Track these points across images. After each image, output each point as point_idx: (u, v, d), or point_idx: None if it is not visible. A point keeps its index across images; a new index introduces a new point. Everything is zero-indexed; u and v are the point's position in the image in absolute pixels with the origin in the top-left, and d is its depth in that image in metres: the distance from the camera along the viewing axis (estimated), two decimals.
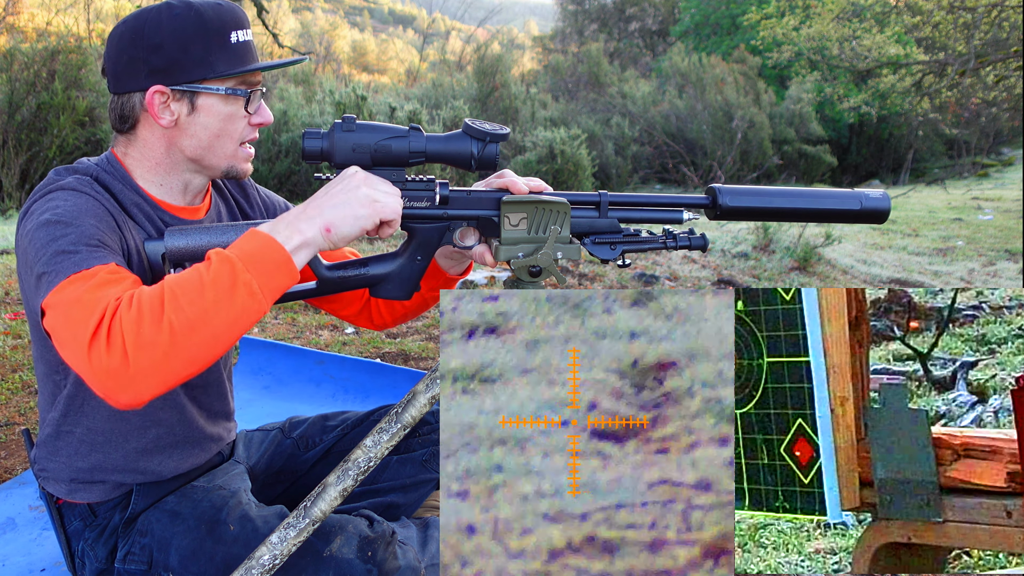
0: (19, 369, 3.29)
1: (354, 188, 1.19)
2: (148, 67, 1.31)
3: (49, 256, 1.16)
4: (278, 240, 1.13)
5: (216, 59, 1.32)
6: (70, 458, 1.44)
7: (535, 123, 14.34)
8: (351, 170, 1.22)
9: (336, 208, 1.17)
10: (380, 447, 1.27)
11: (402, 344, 3.89)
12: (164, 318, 1.04)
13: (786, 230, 7.45)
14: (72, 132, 10.62)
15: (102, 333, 1.03)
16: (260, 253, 1.12)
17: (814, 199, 1.34)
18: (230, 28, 1.33)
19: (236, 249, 1.12)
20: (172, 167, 1.40)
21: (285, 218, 1.18)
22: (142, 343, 1.03)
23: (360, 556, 1.40)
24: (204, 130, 1.35)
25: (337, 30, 38.10)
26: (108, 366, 1.03)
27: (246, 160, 1.43)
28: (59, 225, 1.21)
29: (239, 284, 1.08)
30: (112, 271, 1.15)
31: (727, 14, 23.61)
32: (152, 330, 1.03)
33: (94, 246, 1.19)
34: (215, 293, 1.07)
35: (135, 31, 1.31)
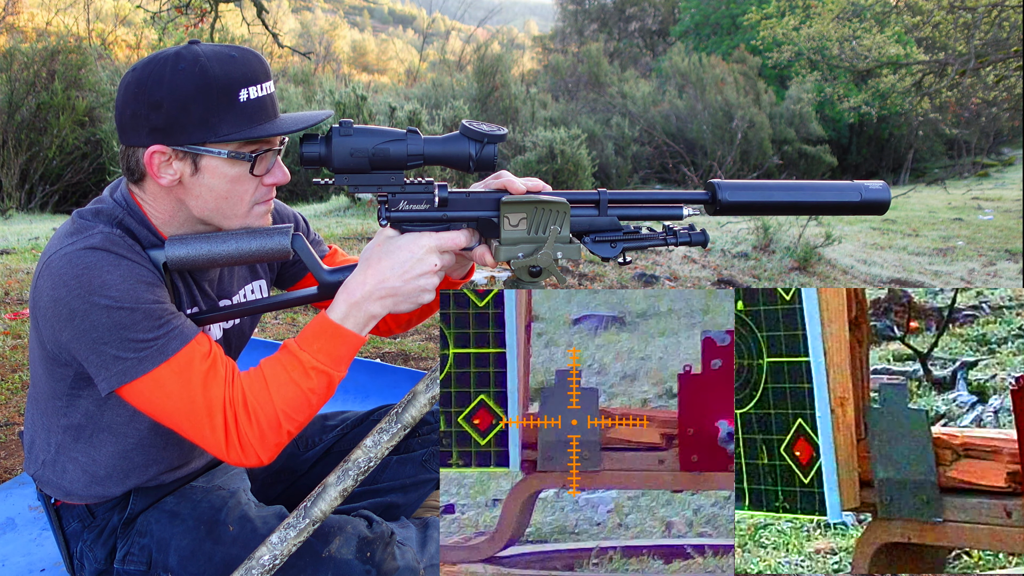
0: (19, 369, 3.29)
1: (426, 277, 1.28)
2: (149, 125, 1.23)
3: (124, 342, 1.22)
4: (357, 333, 1.29)
5: (219, 120, 1.22)
6: (71, 483, 1.44)
7: (535, 123, 14.35)
8: (423, 247, 1.27)
9: (408, 298, 1.28)
10: (380, 447, 1.27)
11: (402, 344, 3.89)
12: (282, 429, 1.28)
13: (786, 230, 7.45)
14: (72, 132, 10.62)
15: (234, 443, 1.26)
16: (346, 351, 1.29)
17: (814, 192, 1.33)
18: (239, 86, 1.23)
19: (324, 356, 1.28)
20: (184, 221, 1.34)
21: (355, 299, 1.28)
22: (268, 446, 1.28)
23: (359, 557, 1.40)
24: (210, 192, 1.28)
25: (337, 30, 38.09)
26: (247, 462, 1.28)
27: (263, 216, 1.35)
28: (122, 311, 1.21)
29: (334, 383, 1.30)
30: (203, 356, 1.26)
31: (727, 14, 23.62)
32: (274, 437, 1.28)
33: (165, 323, 1.24)
34: (317, 398, 1.29)
35: (139, 85, 1.24)
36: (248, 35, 12.89)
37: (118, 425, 1.38)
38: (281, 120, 1.30)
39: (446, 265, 1.31)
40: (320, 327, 1.28)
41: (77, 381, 1.34)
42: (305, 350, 1.28)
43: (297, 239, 1.33)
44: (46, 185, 10.63)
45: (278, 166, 1.33)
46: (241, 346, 1.60)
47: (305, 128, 1.26)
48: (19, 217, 9.37)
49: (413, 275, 1.26)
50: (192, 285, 1.42)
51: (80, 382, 1.33)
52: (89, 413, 1.37)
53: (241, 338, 1.58)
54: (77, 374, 1.32)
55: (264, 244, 1.31)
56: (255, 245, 1.31)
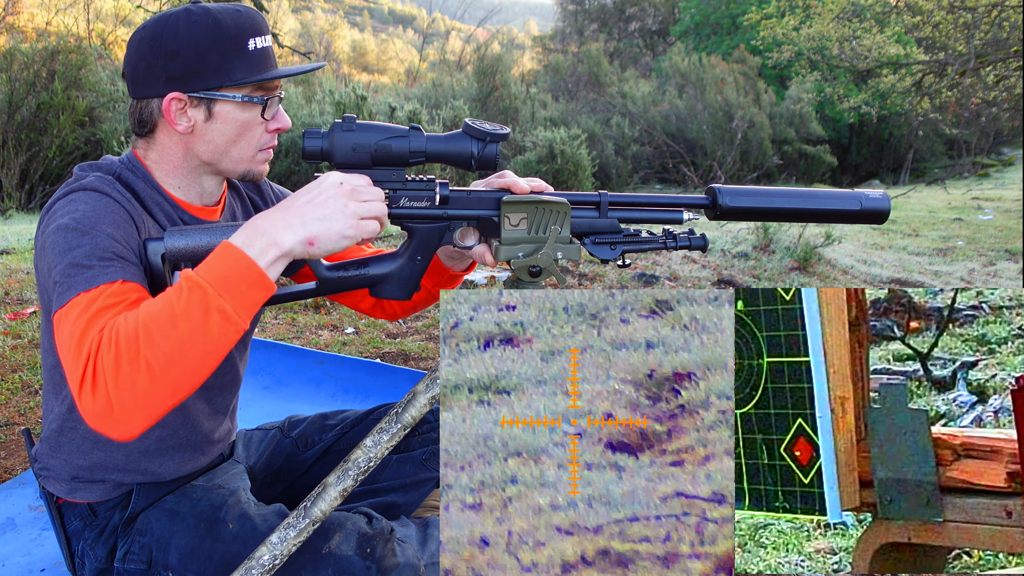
0: (19, 369, 3.29)
1: (341, 203, 1.15)
2: (166, 74, 1.30)
3: (64, 266, 1.17)
4: (251, 256, 1.10)
5: (233, 67, 1.31)
6: (72, 455, 1.44)
7: (535, 123, 14.35)
8: (335, 178, 1.18)
9: (321, 222, 1.14)
10: (380, 447, 1.27)
11: (402, 344, 3.89)
12: (140, 356, 1.03)
13: (786, 230, 7.45)
14: (72, 132, 10.62)
15: (88, 375, 1.04)
16: (233, 273, 1.09)
17: (814, 199, 1.34)
18: (248, 35, 1.32)
19: (206, 272, 1.09)
20: (190, 171, 1.40)
21: (262, 225, 1.13)
22: (121, 383, 1.03)
23: (359, 553, 1.40)
24: (221, 136, 1.35)
25: (337, 30, 38.13)
26: (95, 408, 1.04)
27: (263, 163, 1.42)
28: (76, 233, 1.20)
29: (212, 311, 1.06)
30: (114, 293, 1.13)
31: (727, 14, 23.62)
32: (130, 369, 1.03)
33: (107, 259, 1.18)
34: (188, 324, 1.05)
35: (154, 37, 1.30)
36: None
37: None
38: (283, 68, 1.40)
39: (362, 214, 1.18)
40: (216, 250, 1.13)
41: None
42: (193, 271, 1.11)
43: None
44: (46, 185, 10.63)
45: (281, 113, 1.41)
46: (244, 344, 1.60)
47: (304, 72, 1.43)
48: (19, 217, 9.36)
49: (328, 211, 1.15)
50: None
51: None
52: None
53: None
54: None
55: None
56: None
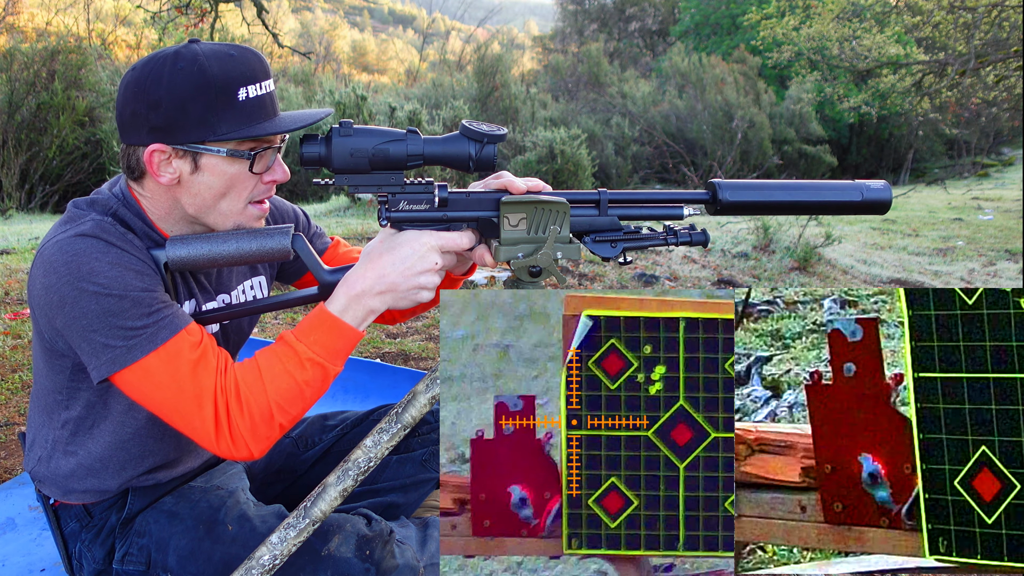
0: (19, 369, 3.29)
1: (427, 275, 1.27)
2: (148, 124, 1.24)
3: (111, 330, 1.20)
4: (353, 326, 1.28)
5: (219, 119, 1.23)
6: (66, 479, 1.44)
7: (535, 123, 14.35)
8: (425, 244, 1.27)
9: (407, 295, 1.28)
10: (380, 447, 1.27)
11: (402, 344, 3.88)
12: (274, 422, 1.26)
13: (786, 230, 7.45)
14: (72, 132, 10.62)
15: (224, 433, 1.24)
16: (343, 344, 1.28)
17: (815, 191, 1.33)
18: (238, 84, 1.24)
19: (321, 348, 1.27)
20: (180, 218, 1.34)
21: (355, 292, 1.27)
22: (259, 438, 1.26)
23: (358, 555, 1.40)
24: (208, 189, 1.28)
25: (337, 30, 38.12)
26: (233, 454, 1.26)
27: (257, 219, 1.35)
28: (110, 299, 1.20)
29: (329, 377, 1.29)
30: (193, 345, 1.24)
31: (727, 14, 23.62)
32: (266, 431, 1.26)
33: (155, 312, 1.23)
34: (312, 390, 1.28)
35: (138, 84, 1.24)
36: (248, 35, 12.89)
37: (117, 414, 1.38)
38: (280, 119, 1.30)
39: (447, 265, 1.31)
40: (318, 319, 1.28)
41: (76, 372, 1.34)
42: (302, 341, 1.27)
43: (297, 239, 1.33)
44: (46, 185, 10.63)
45: (278, 164, 1.34)
46: (240, 343, 1.60)
47: (304, 127, 1.26)
48: (19, 217, 9.36)
49: (413, 272, 1.26)
50: (189, 278, 1.42)
51: (79, 373, 1.34)
52: (90, 403, 1.38)
53: (240, 335, 1.58)
54: (75, 364, 1.32)
55: (264, 244, 1.31)
56: (255, 245, 1.31)
